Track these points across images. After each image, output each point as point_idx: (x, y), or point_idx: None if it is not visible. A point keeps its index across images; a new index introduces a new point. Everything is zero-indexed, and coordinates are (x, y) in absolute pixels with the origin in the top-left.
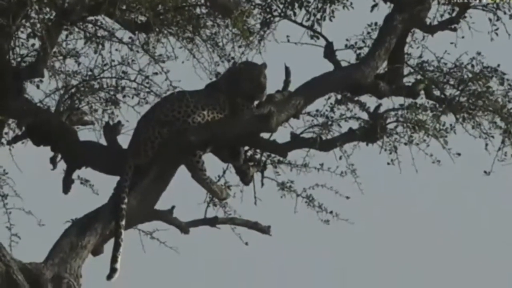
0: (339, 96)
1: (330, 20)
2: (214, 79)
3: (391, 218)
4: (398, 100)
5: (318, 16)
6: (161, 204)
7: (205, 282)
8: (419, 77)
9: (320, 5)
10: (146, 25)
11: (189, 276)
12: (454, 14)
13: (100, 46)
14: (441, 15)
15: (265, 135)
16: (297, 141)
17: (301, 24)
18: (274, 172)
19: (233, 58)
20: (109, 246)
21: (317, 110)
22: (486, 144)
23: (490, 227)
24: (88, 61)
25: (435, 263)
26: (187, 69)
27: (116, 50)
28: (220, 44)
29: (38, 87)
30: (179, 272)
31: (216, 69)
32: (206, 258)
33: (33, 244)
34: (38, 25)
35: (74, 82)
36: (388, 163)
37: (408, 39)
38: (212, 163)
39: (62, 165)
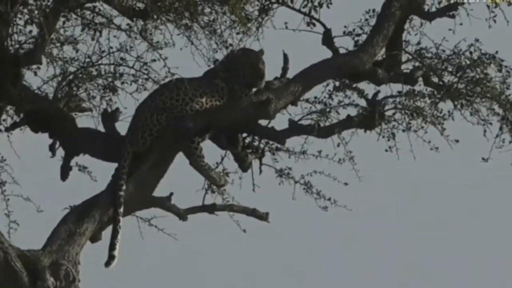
0: (337, 83)
1: (328, 6)
2: (212, 66)
3: (389, 205)
4: (396, 87)
5: (316, 2)
6: (159, 191)
7: (203, 269)
8: (417, 64)
9: None
10: (144, 11)
11: (187, 263)
12: (452, 1)
13: (98, 33)
14: (439, 2)
15: (263, 122)
16: (295, 128)
17: (299, 11)
18: (272, 159)
19: (231, 45)
20: (107, 233)
21: (315, 97)
22: (484, 131)
23: (488, 213)
24: (86, 47)
25: (433, 250)
26: (185, 56)
27: (114, 36)
28: (218, 31)
29: (35, 74)
30: (177, 259)
31: (214, 56)
32: (204, 245)
33: (31, 231)
34: (36, 12)
35: (72, 69)
36: (386, 150)
37: (406, 26)
38: (210, 150)
39: (60, 152)
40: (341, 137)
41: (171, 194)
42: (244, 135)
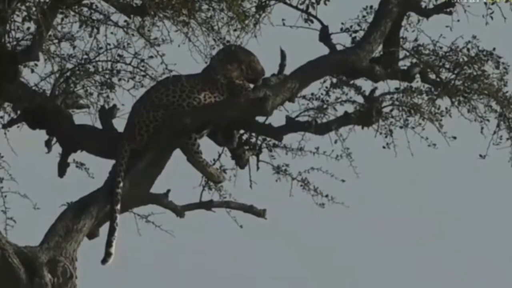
0: (334, 80)
1: (325, 3)
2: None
3: (386, 201)
4: (394, 84)
5: None
6: (157, 188)
7: (200, 266)
8: (414, 60)
9: None
10: (142, 8)
11: (184, 260)
12: None
13: (96, 30)
14: None
15: (260, 119)
16: (292, 125)
17: (296, 8)
18: (270, 156)
19: (228, 41)
20: (104, 229)
21: (312, 94)
22: (482, 128)
23: (485, 210)
24: (84, 44)
25: (431, 247)
26: (182, 52)
27: (112, 33)
28: (216, 27)
29: (32, 71)
30: (175, 256)
31: (212, 53)
32: (201, 242)
33: (29, 228)
34: (34, 9)
35: (69, 66)
36: (384, 147)
37: (404, 22)
38: (207, 147)
39: (57, 149)
40: (339, 133)
41: (169, 190)
42: (242, 131)
